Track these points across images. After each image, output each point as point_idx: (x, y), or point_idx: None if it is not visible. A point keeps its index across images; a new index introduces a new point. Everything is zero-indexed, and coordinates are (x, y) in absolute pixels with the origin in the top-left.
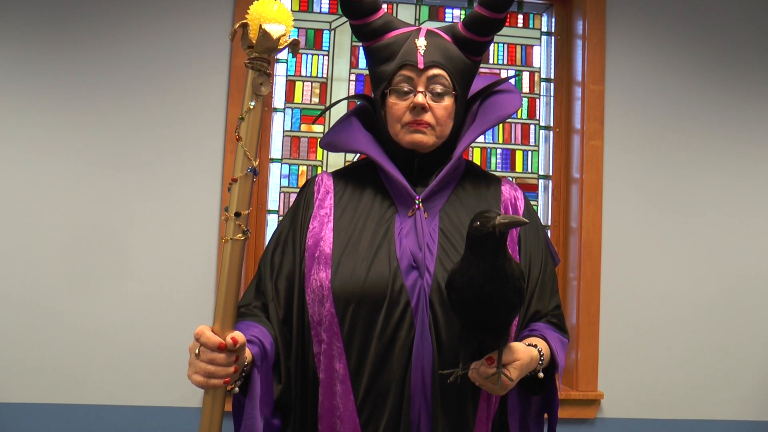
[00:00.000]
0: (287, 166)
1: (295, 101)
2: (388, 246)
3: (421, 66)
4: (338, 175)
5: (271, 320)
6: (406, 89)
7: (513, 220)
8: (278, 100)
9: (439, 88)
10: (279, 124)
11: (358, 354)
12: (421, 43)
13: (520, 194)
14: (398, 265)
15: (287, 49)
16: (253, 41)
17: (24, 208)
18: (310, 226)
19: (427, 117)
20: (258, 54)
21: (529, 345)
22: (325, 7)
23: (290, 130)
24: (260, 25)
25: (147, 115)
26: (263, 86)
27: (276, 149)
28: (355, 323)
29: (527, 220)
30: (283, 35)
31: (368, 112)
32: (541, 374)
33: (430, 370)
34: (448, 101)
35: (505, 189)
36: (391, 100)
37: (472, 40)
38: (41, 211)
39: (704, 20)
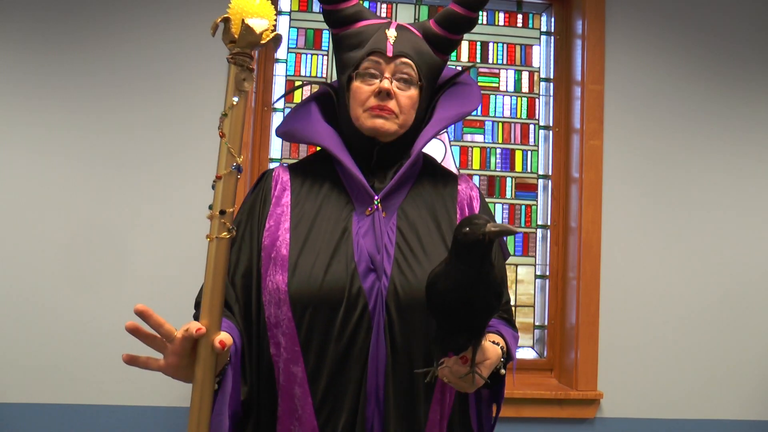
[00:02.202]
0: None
1: (295, 101)
2: (346, 247)
3: (389, 54)
4: (295, 170)
5: (237, 318)
6: (372, 73)
7: (503, 229)
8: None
9: (405, 77)
10: (278, 124)
11: (316, 357)
12: (391, 33)
13: (476, 193)
14: (356, 267)
15: (271, 43)
16: (236, 36)
17: (23, 207)
18: (267, 225)
19: (392, 104)
20: (240, 49)
21: (492, 342)
22: None
23: None
24: (243, 20)
25: (146, 115)
26: (246, 82)
27: (275, 149)
28: (312, 327)
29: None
30: (266, 30)
31: (329, 99)
32: (503, 371)
33: (383, 372)
34: (413, 91)
35: (462, 188)
36: (356, 83)
37: (444, 38)
38: (40, 211)
39: (703, 20)
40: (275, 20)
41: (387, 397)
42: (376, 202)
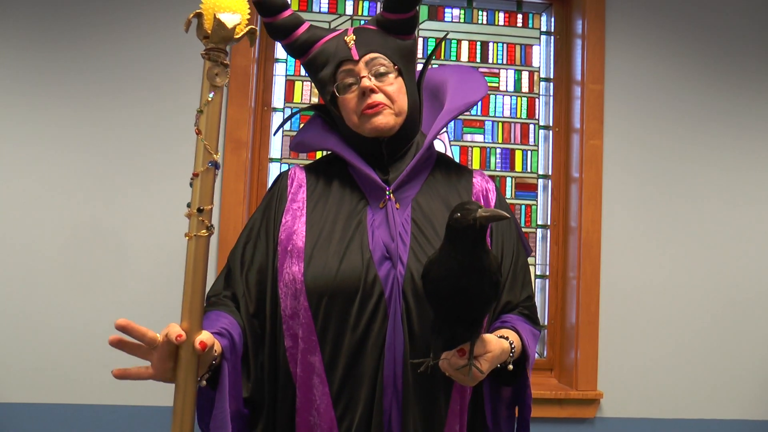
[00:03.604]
0: (286, 166)
1: (295, 101)
2: (361, 238)
3: (356, 57)
4: (311, 169)
5: (242, 314)
6: (350, 81)
7: (494, 214)
8: (278, 99)
9: (381, 69)
10: (278, 124)
11: (332, 347)
12: (350, 38)
13: (491, 186)
14: (371, 256)
15: (246, 38)
16: (209, 31)
17: (21, 207)
18: (283, 220)
19: (379, 97)
20: (214, 44)
21: (500, 337)
22: (325, 7)
23: (289, 130)
24: (214, 15)
25: (145, 114)
26: (218, 77)
27: (275, 149)
28: (328, 316)
29: (508, 215)
30: (239, 24)
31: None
32: (510, 366)
33: (401, 361)
34: (393, 78)
35: (477, 180)
36: (341, 97)
37: (396, 20)
38: (39, 211)
39: (703, 19)
40: (249, 14)
41: (405, 387)
42: (388, 193)
